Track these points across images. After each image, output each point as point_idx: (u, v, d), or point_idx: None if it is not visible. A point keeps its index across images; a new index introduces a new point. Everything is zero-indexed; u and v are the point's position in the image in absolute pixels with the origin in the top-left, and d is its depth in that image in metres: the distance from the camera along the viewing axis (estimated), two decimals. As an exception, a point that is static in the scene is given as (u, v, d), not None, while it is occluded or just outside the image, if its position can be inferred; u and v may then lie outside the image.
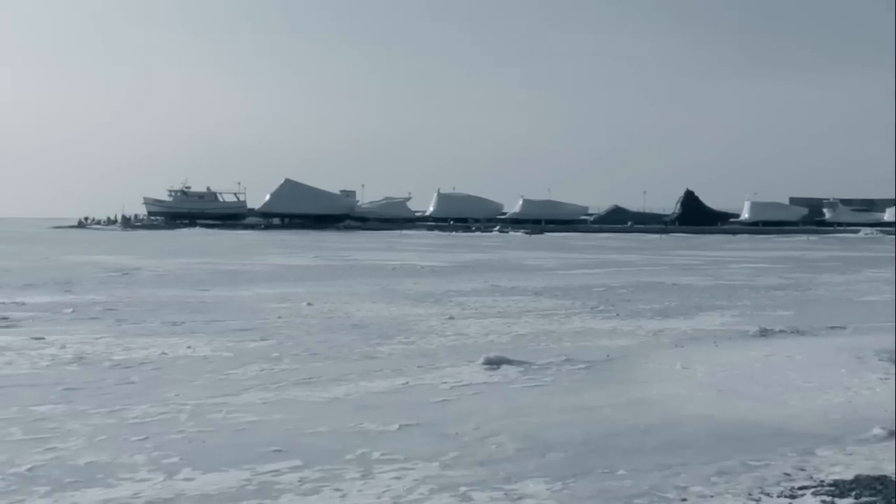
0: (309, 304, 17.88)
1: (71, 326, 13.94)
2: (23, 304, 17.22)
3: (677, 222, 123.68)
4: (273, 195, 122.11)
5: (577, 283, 24.60)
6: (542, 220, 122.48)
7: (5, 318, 14.80)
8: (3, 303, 17.28)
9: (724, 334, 13.80)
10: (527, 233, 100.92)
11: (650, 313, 16.96)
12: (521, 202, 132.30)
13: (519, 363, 10.78)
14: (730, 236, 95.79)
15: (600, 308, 17.84)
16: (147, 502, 5.63)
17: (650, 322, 15.51)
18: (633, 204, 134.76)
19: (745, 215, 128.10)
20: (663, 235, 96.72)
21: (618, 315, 16.58)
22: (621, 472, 6.36)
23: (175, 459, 6.54)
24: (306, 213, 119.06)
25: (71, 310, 16.20)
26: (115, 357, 11.05)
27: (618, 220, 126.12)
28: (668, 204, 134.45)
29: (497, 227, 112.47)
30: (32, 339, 12.45)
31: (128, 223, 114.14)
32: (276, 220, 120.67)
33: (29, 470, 6.24)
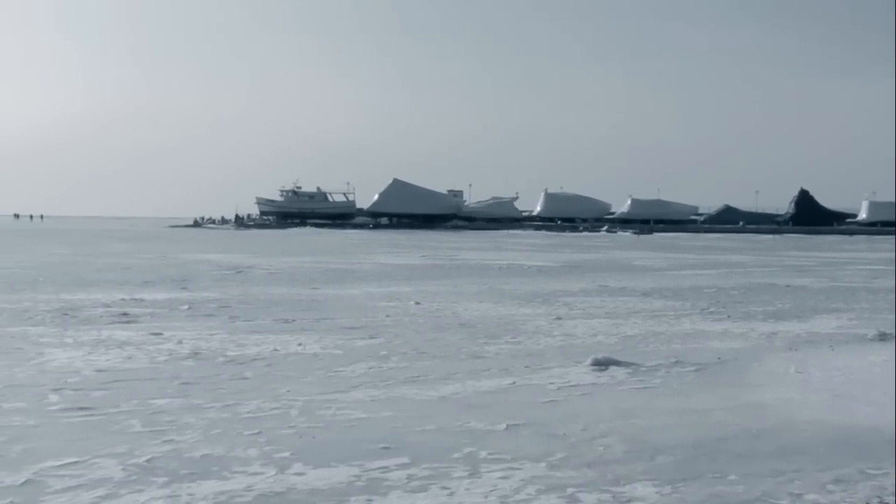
0: (417, 303, 18.01)
1: (187, 323, 14.33)
2: (142, 300, 17.78)
3: (791, 222, 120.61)
4: (381, 195, 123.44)
5: (686, 284, 24.20)
6: (651, 220, 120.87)
7: (125, 314, 15.31)
8: (124, 299, 17.88)
9: (840, 338, 13.40)
10: (635, 233, 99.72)
11: (763, 315, 16.57)
12: (629, 202, 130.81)
13: (627, 364, 10.67)
14: (846, 237, 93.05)
15: (711, 309, 17.51)
16: (259, 495, 5.75)
17: (763, 324, 15.16)
18: (745, 203, 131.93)
19: (862, 215, 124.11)
20: (776, 236, 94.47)
21: (729, 317, 16.25)
22: (732, 477, 6.23)
23: (286, 454, 6.67)
24: (414, 212, 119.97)
25: (187, 306, 16.66)
26: (229, 353, 11.32)
27: (729, 220, 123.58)
28: (781, 203, 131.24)
29: (605, 227, 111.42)
30: (151, 334, 12.85)
31: (241, 223, 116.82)
32: (384, 220, 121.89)
33: (148, 461, 6.44)
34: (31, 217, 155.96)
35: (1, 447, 6.73)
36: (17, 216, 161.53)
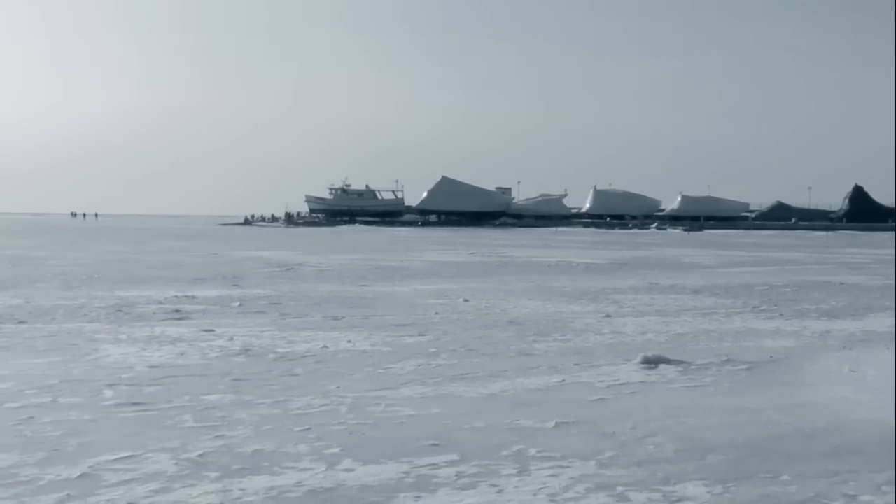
0: (465, 300, 18.02)
1: (238, 319, 14.48)
2: (194, 297, 17.99)
3: (845, 219, 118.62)
4: (430, 192, 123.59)
5: (737, 282, 23.95)
6: (702, 216, 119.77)
7: (178, 311, 15.50)
8: (176, 296, 18.10)
9: (896, 336, 13.17)
10: (685, 230, 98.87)
11: (816, 313, 16.35)
12: (679, 198, 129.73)
13: (677, 363, 10.59)
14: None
15: (763, 307, 17.31)
16: (309, 491, 5.80)
17: (816, 323, 14.95)
18: (798, 200, 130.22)
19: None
20: (830, 233, 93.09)
21: (781, 315, 16.06)
22: (785, 477, 6.16)
23: (336, 450, 6.71)
24: (462, 210, 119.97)
25: (238, 303, 16.82)
26: (280, 350, 11.42)
27: (781, 216, 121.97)
28: (834, 200, 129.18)
29: (654, 224, 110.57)
30: (203, 331, 13.00)
31: (290, 220, 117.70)
32: (432, 217, 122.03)
33: (200, 456, 6.52)
34: (84, 216, 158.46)
35: (58, 441, 6.86)
36: (74, 215, 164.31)
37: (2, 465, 6.20)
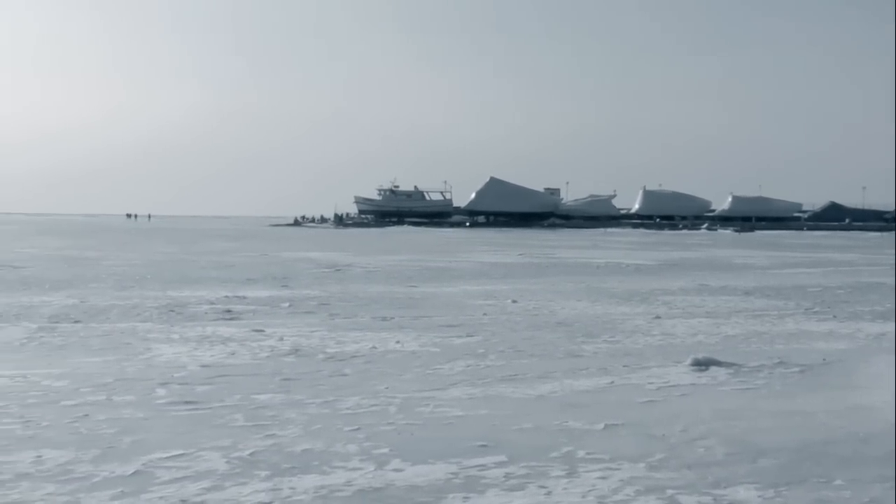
0: (514, 301, 18.00)
1: (288, 320, 14.59)
2: (244, 297, 18.16)
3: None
4: (478, 193, 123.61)
5: (790, 283, 23.66)
6: (753, 217, 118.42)
7: (229, 311, 15.66)
8: (227, 296, 18.29)
9: (953, 339, 12.93)
10: (736, 230, 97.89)
11: (871, 315, 16.10)
12: (730, 199, 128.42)
13: (728, 365, 10.48)
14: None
15: (815, 309, 17.09)
16: (358, 491, 5.83)
17: (871, 325, 14.72)
18: (851, 200, 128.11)
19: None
20: (885, 233, 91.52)
21: (835, 317, 15.83)
22: (838, 481, 6.08)
23: (385, 450, 6.74)
24: (511, 210, 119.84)
25: (288, 304, 16.95)
26: (329, 350, 11.49)
27: (834, 217, 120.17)
28: (889, 200, 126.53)
29: (705, 225, 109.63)
30: (253, 331, 13.12)
31: (340, 221, 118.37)
32: (481, 218, 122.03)
33: (251, 455, 6.59)
34: (137, 217, 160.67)
35: (112, 439, 6.96)
36: (130, 216, 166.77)
37: (58, 462, 6.31)
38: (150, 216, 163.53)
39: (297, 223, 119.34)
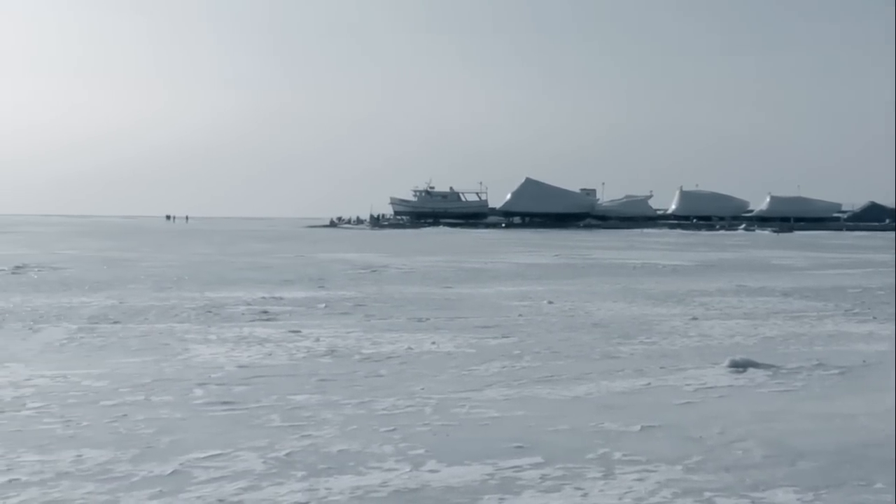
0: (550, 302, 17.96)
1: (324, 321, 14.65)
2: (281, 298, 18.26)
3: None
4: (514, 194, 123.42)
5: (829, 284, 23.41)
6: (791, 217, 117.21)
7: (266, 312, 15.75)
8: (264, 297, 18.40)
9: None
10: (774, 231, 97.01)
11: (912, 317, 15.88)
12: (768, 199, 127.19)
13: (766, 366, 10.39)
14: None
15: (855, 311, 16.89)
16: (394, 491, 5.84)
17: (912, 326, 14.53)
18: (892, 200, 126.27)
19: None
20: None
21: (875, 318, 15.64)
22: (879, 485, 6.01)
23: (421, 451, 6.75)
24: (547, 211, 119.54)
25: (324, 305, 17.02)
26: (365, 351, 11.52)
27: (874, 217, 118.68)
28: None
29: (742, 226, 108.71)
30: (290, 332, 13.19)
31: (375, 222, 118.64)
32: (516, 219, 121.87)
33: (287, 455, 6.62)
34: (175, 218, 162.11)
35: (150, 438, 7.03)
36: (168, 218, 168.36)
37: (98, 461, 6.38)
38: (187, 218, 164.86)
39: (332, 224, 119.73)
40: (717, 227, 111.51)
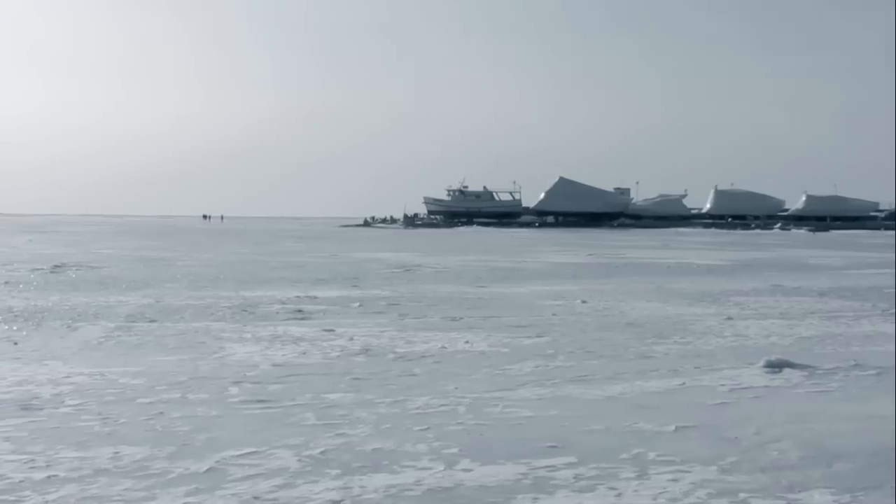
0: (583, 301, 17.91)
1: (358, 319, 14.70)
2: (315, 297, 18.34)
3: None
4: (547, 193, 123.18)
5: (866, 284, 23.16)
6: (827, 216, 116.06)
7: (300, 311, 15.83)
8: (298, 296, 18.49)
9: None
10: (810, 230, 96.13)
11: (951, 317, 15.67)
12: (804, 198, 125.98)
13: (802, 367, 10.30)
14: None
15: (892, 311, 16.69)
16: (428, 490, 5.86)
17: (951, 327, 14.34)
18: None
19: None
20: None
21: (914, 319, 15.45)
22: (917, 486, 5.94)
23: (454, 450, 6.76)
24: (580, 211, 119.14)
25: (358, 304, 17.08)
26: (399, 350, 11.55)
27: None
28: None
29: (778, 225, 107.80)
30: (324, 330, 13.25)
31: (409, 222, 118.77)
32: (550, 219, 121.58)
33: (321, 453, 6.66)
34: (210, 217, 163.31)
35: (186, 436, 7.10)
36: (205, 217, 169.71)
37: (135, 459, 6.45)
38: (222, 217, 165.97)
39: (366, 224, 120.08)
40: (753, 226, 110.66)
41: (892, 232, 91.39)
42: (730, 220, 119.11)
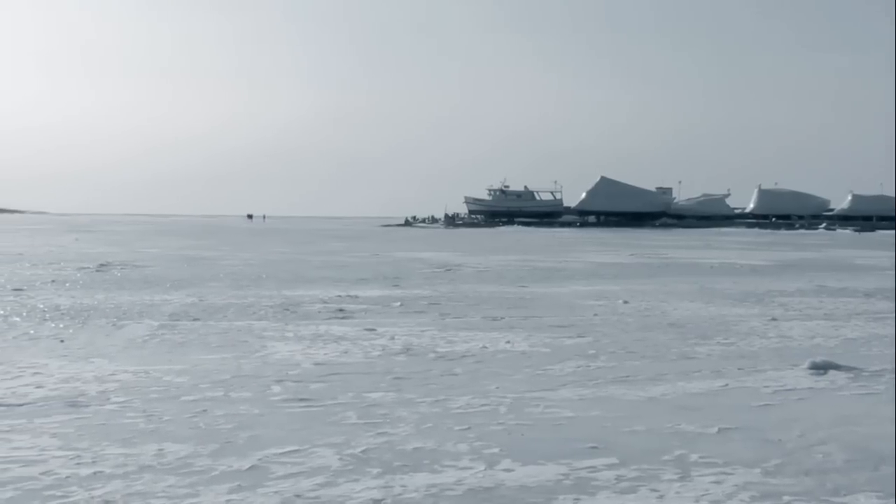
0: (625, 301, 17.82)
1: (399, 319, 14.74)
2: (356, 297, 18.42)
3: None
4: (589, 193, 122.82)
5: (914, 285, 22.81)
6: (874, 216, 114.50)
7: (342, 310, 15.90)
8: (340, 296, 18.57)
9: None
10: (856, 230, 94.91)
11: None
12: (849, 197, 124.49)
13: (848, 369, 10.18)
14: None
15: (942, 312, 16.43)
16: (469, 490, 5.86)
17: None
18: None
19: None
20: None
21: (962, 320, 15.20)
22: (966, 491, 5.85)
23: (495, 450, 6.76)
24: (622, 210, 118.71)
25: (399, 303, 17.12)
26: (439, 349, 11.57)
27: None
28: None
29: (823, 225, 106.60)
30: (365, 330, 13.30)
31: (450, 222, 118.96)
32: (591, 218, 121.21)
33: (363, 452, 6.68)
34: (252, 217, 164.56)
35: (229, 434, 7.16)
36: (249, 217, 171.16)
37: (178, 456, 6.52)
38: (265, 217, 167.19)
39: (407, 224, 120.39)
40: (797, 226, 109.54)
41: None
42: (774, 220, 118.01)
